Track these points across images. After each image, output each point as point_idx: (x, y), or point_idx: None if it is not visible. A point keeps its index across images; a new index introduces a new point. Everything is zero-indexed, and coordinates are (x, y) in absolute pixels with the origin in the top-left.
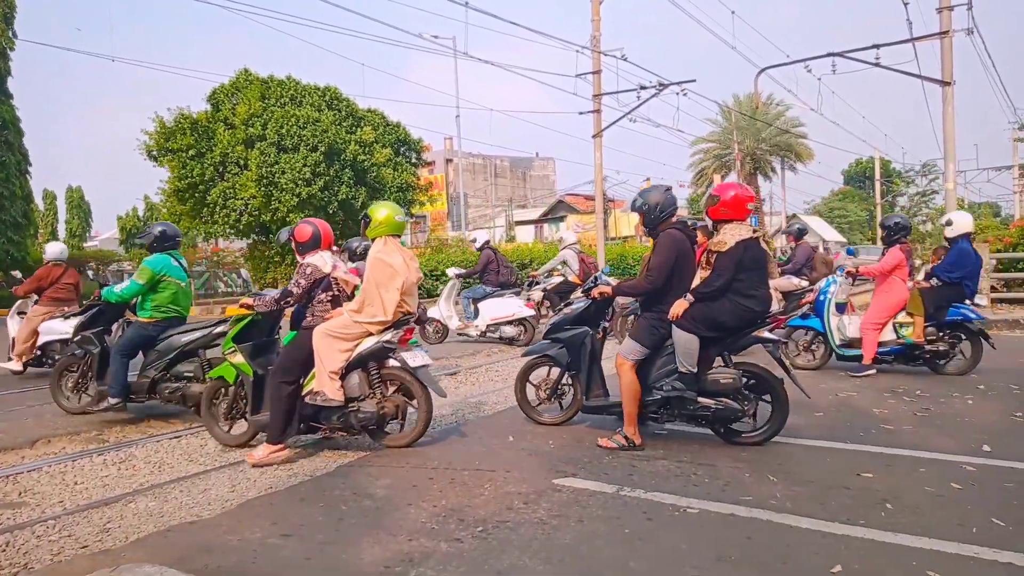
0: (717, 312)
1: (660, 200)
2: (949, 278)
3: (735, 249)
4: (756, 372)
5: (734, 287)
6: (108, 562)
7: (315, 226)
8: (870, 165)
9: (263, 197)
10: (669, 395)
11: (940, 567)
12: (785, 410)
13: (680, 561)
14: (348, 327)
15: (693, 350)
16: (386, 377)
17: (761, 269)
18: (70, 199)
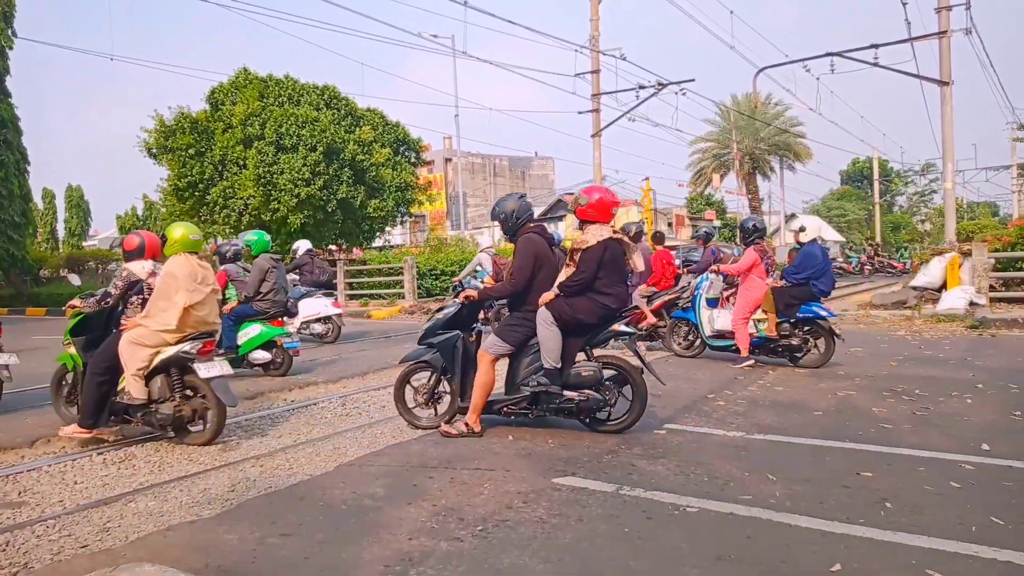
0: (577, 309)
1: (516, 207)
2: (796, 279)
3: (596, 248)
4: (616, 364)
5: (594, 285)
6: (108, 562)
7: (142, 238)
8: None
9: (262, 197)
10: (537, 391)
11: (939, 566)
12: (644, 398)
13: (680, 560)
14: (147, 336)
15: (556, 346)
16: (188, 384)
17: (619, 269)
18: (69, 198)
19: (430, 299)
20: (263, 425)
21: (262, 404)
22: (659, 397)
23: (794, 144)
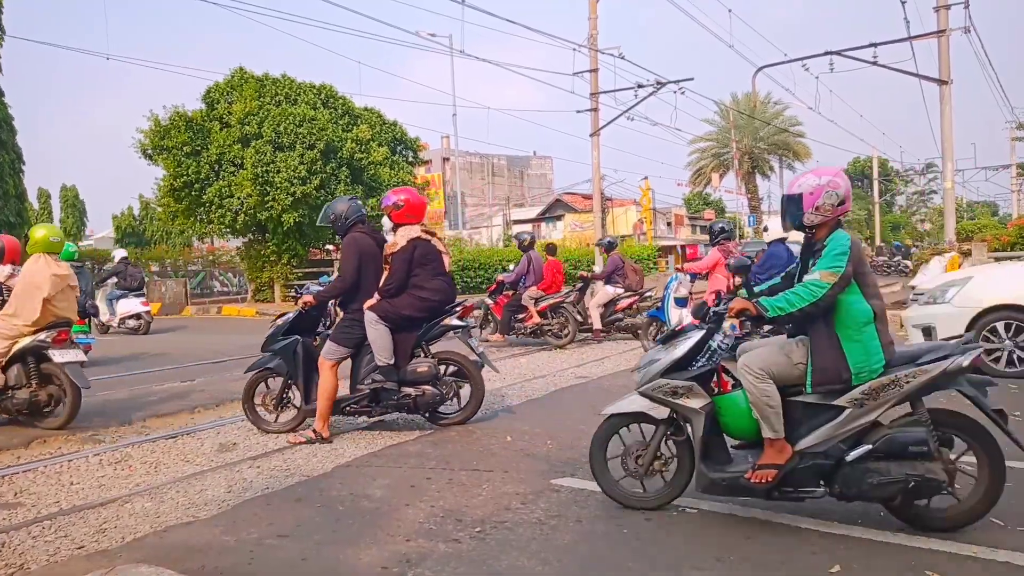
0: (400, 306)
1: (345, 209)
2: (760, 279)
3: (406, 248)
4: (454, 360)
5: (412, 282)
6: (104, 563)
7: (3, 242)
8: (868, 164)
9: (259, 196)
10: (374, 387)
11: (938, 567)
12: (481, 392)
13: (679, 561)
14: (5, 328)
15: (385, 344)
16: (44, 371)
17: (433, 264)
18: (64, 198)
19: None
20: None
21: None
22: None
23: (793, 143)
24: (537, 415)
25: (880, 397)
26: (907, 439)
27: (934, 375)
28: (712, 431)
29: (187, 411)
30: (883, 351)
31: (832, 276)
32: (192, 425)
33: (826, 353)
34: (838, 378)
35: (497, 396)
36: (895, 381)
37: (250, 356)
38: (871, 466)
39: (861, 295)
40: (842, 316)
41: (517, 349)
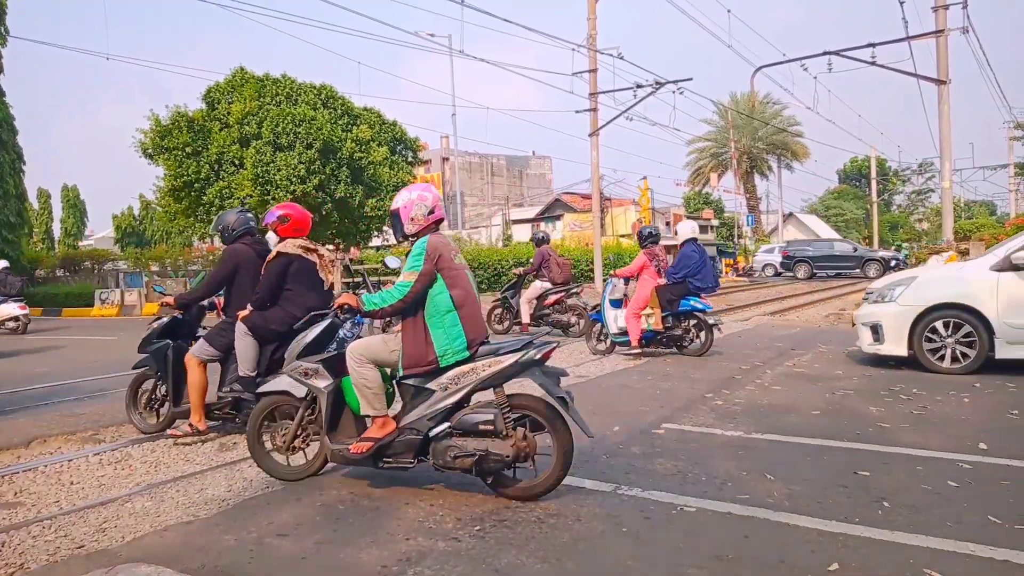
0: (270, 320)
1: (233, 221)
2: (674, 278)
3: (278, 261)
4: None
5: (285, 295)
6: (104, 562)
7: None
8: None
9: (259, 195)
10: (236, 397)
11: (937, 565)
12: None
13: (678, 559)
14: None
15: (250, 356)
16: None
17: (308, 280)
18: (65, 198)
19: None
20: None
21: None
22: (657, 397)
23: (792, 143)
24: None
25: (461, 382)
26: (477, 419)
27: (507, 365)
28: (340, 408)
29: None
30: (466, 336)
31: (412, 275)
32: None
33: (413, 339)
34: (424, 360)
35: None
36: (474, 369)
37: None
38: (451, 442)
39: (445, 287)
40: (429, 307)
41: None
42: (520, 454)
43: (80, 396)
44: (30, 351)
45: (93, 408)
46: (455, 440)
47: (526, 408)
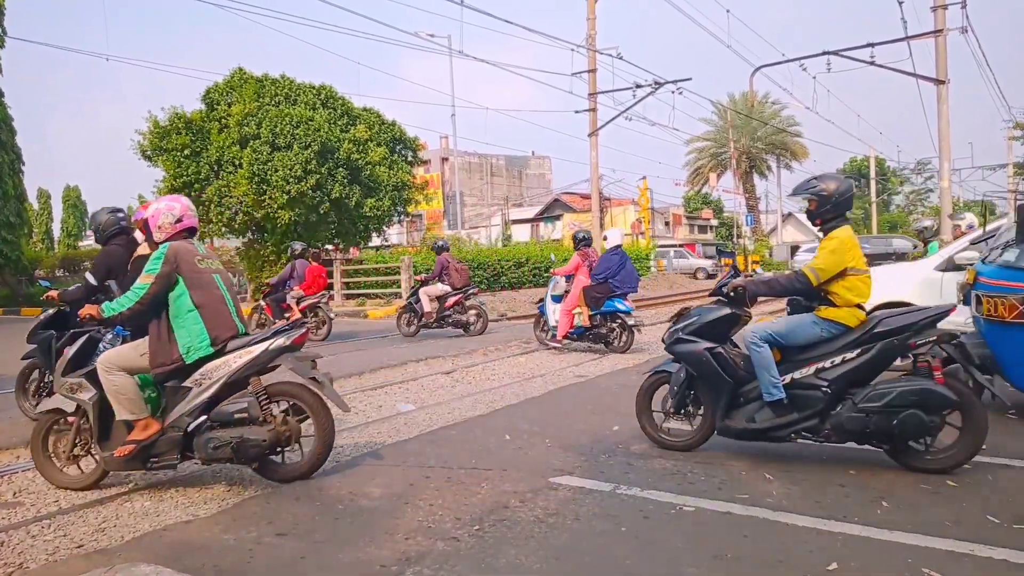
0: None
1: (104, 221)
2: (597, 279)
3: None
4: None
5: None
6: (104, 562)
7: None
8: (865, 164)
9: (255, 195)
10: None
11: (935, 564)
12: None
13: (677, 559)
14: None
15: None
16: None
17: None
18: (67, 198)
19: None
20: None
21: None
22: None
23: (791, 143)
24: (535, 414)
25: (213, 376)
26: (232, 408)
27: (257, 354)
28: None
29: None
30: (209, 333)
31: (149, 278)
32: None
33: (157, 340)
34: (169, 359)
35: (496, 395)
36: (226, 362)
37: None
38: (210, 434)
39: (186, 289)
40: (172, 308)
41: (516, 349)
42: (281, 439)
43: None
44: None
45: None
46: (214, 432)
47: (286, 394)
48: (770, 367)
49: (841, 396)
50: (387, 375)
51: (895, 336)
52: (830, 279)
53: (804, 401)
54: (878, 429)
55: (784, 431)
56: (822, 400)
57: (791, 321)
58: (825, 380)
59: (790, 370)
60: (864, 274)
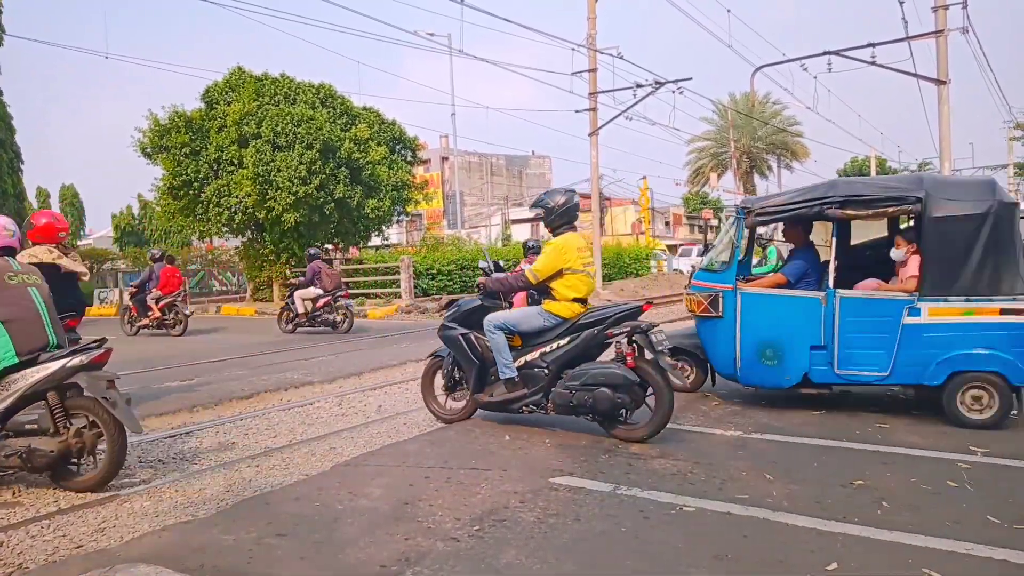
0: None
1: None
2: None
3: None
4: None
5: None
6: (103, 562)
7: None
8: (866, 164)
9: (258, 195)
10: None
11: (935, 564)
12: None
13: (677, 559)
14: None
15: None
16: None
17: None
18: (63, 197)
19: (427, 298)
20: (258, 425)
21: (257, 404)
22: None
23: (792, 143)
24: (535, 414)
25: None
26: (24, 420)
27: (54, 370)
28: None
29: (186, 410)
30: (15, 347)
31: None
32: (191, 424)
33: None
34: None
35: None
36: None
37: (249, 355)
38: (3, 443)
39: None
40: None
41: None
42: (72, 450)
43: None
44: None
45: None
46: (7, 440)
47: (84, 409)
48: (502, 350)
49: (558, 376)
50: (387, 375)
51: (595, 327)
52: (550, 277)
53: (531, 379)
54: (580, 403)
55: (517, 404)
56: (544, 379)
57: (522, 312)
58: (545, 362)
59: (524, 353)
60: (581, 273)
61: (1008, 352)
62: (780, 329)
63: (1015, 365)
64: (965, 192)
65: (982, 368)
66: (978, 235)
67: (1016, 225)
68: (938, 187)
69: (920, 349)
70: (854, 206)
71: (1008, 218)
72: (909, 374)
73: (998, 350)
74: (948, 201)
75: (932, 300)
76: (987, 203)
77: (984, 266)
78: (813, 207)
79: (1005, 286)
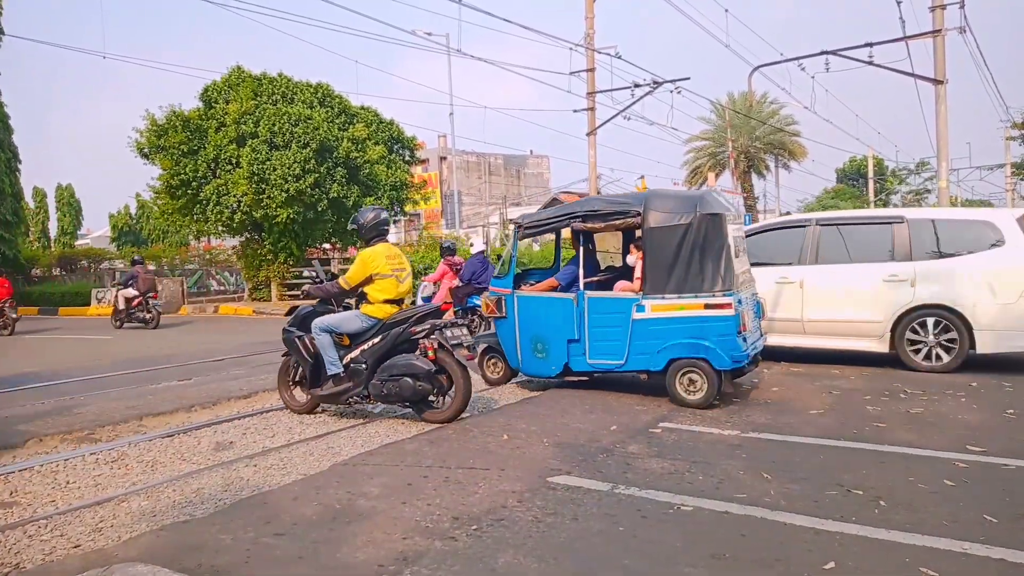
0: None
1: None
2: (463, 280)
3: None
4: None
5: None
6: (100, 561)
7: None
8: (864, 163)
9: (254, 194)
10: None
11: (932, 563)
12: None
13: (674, 559)
14: None
15: None
16: None
17: None
18: (60, 197)
19: None
20: (256, 424)
21: (255, 403)
22: (655, 395)
23: (789, 143)
24: (533, 414)
25: None
26: None
27: None
28: None
29: (184, 410)
30: None
31: None
32: (189, 424)
33: None
34: None
35: (494, 394)
36: None
37: (247, 355)
38: None
39: None
40: None
41: None
42: None
43: (76, 395)
44: (26, 350)
45: (90, 408)
46: None
47: None
48: (327, 349)
49: (375, 370)
50: None
51: (399, 326)
52: (362, 283)
53: (355, 374)
54: (390, 392)
55: (344, 396)
56: (364, 373)
57: (343, 316)
58: (364, 359)
59: (349, 351)
60: (390, 278)
61: (711, 341)
62: (545, 326)
63: (717, 352)
64: (674, 205)
65: (692, 355)
66: (684, 241)
67: (719, 231)
68: (654, 201)
69: (646, 340)
70: (592, 219)
71: (710, 226)
72: (640, 362)
73: (704, 339)
74: (661, 213)
75: (652, 298)
76: (691, 214)
77: (690, 267)
78: (564, 221)
79: (707, 284)
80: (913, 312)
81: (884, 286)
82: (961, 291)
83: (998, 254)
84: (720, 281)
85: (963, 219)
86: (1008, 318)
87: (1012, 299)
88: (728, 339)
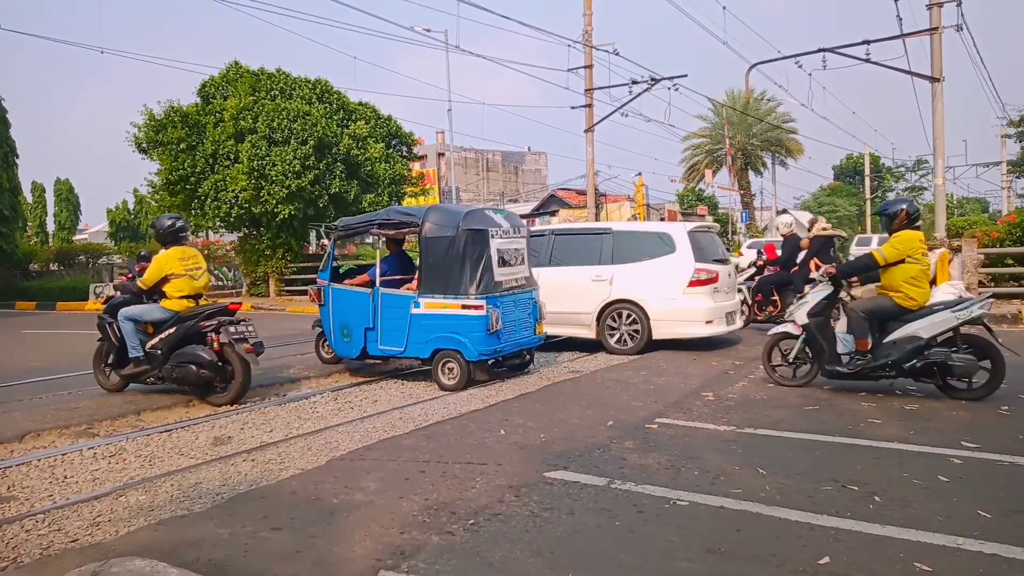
0: None
1: None
2: None
3: None
4: None
5: None
6: (98, 556)
7: None
8: (860, 161)
9: (253, 190)
10: None
11: (927, 558)
12: None
13: (670, 553)
14: None
15: None
16: None
17: None
18: (58, 192)
19: None
20: (255, 419)
21: (254, 399)
22: (651, 392)
23: (786, 140)
24: (530, 409)
25: None
26: None
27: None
28: None
29: (182, 404)
30: None
31: None
32: (187, 419)
33: None
34: None
35: (491, 390)
36: None
37: None
38: None
39: None
40: None
41: None
42: None
43: (74, 390)
44: (23, 345)
45: (87, 402)
46: None
47: None
48: (130, 336)
49: (168, 356)
50: (380, 369)
51: (191, 320)
52: (158, 283)
53: (153, 359)
54: (178, 376)
55: (142, 377)
56: (159, 358)
57: (145, 307)
58: (161, 346)
59: (151, 339)
60: (184, 277)
61: (464, 336)
62: (351, 315)
63: (468, 346)
64: (444, 219)
65: (450, 347)
66: (450, 250)
67: (481, 243)
68: (430, 214)
69: (420, 332)
70: (386, 227)
71: (471, 239)
72: (415, 349)
73: (459, 335)
74: (434, 224)
75: (425, 296)
76: (455, 228)
77: (451, 273)
78: (366, 227)
79: (465, 288)
80: (611, 306)
81: (592, 284)
82: (642, 289)
83: (670, 259)
84: (476, 286)
85: (649, 231)
86: (672, 310)
87: (677, 295)
88: (478, 335)
